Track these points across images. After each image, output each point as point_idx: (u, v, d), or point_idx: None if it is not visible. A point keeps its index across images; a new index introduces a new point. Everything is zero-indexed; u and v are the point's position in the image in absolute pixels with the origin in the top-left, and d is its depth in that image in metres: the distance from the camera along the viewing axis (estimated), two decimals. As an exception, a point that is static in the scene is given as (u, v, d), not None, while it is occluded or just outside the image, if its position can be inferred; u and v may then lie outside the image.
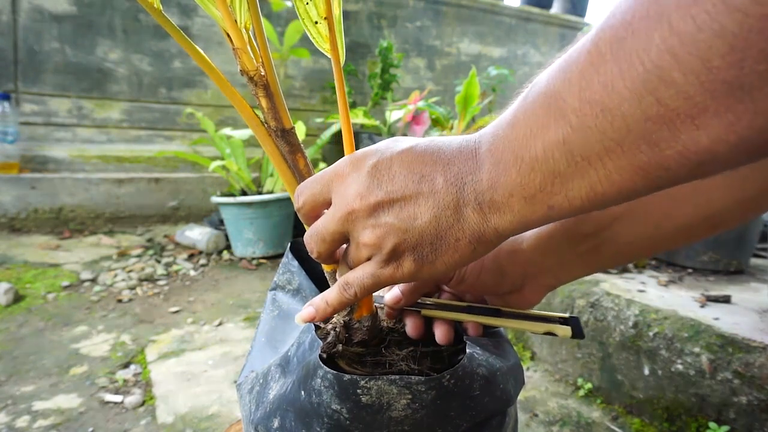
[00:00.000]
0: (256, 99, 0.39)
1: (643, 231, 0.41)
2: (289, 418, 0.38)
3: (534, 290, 0.45)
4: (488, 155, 0.30)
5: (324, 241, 0.36)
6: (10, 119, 2.07)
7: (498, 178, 0.29)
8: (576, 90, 0.24)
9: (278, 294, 0.54)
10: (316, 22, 0.37)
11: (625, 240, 0.42)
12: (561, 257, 0.43)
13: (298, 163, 0.41)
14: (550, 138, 0.26)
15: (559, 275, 0.44)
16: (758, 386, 0.80)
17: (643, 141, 0.22)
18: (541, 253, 0.43)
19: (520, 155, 0.27)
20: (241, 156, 2.08)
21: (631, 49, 0.21)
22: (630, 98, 0.22)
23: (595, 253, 0.43)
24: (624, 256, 0.43)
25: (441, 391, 0.35)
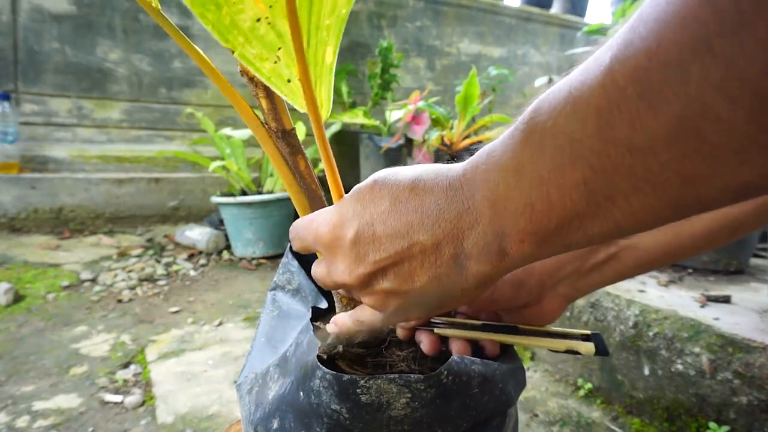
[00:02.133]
0: (256, 100, 0.39)
1: (662, 239, 0.40)
2: (289, 419, 0.38)
3: (553, 302, 0.43)
4: (488, 206, 0.27)
5: (325, 285, 0.37)
6: (10, 119, 2.07)
7: (504, 228, 0.27)
8: (594, 130, 0.22)
9: (278, 294, 0.54)
10: (288, 80, 0.34)
11: (644, 248, 0.41)
12: (578, 267, 0.42)
13: (299, 164, 0.40)
14: (566, 182, 0.24)
15: (577, 285, 0.43)
16: (758, 386, 0.80)
17: (678, 178, 0.21)
18: (557, 262, 0.42)
19: (530, 203, 0.25)
20: (241, 156, 2.08)
21: (661, 82, 0.19)
22: (664, 136, 0.20)
23: (613, 262, 0.42)
24: (644, 265, 0.42)
25: (440, 390, 0.35)
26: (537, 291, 0.42)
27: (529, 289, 0.42)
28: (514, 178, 0.26)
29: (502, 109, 3.23)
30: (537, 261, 0.29)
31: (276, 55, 0.33)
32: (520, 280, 0.42)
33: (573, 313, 1.10)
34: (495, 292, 0.42)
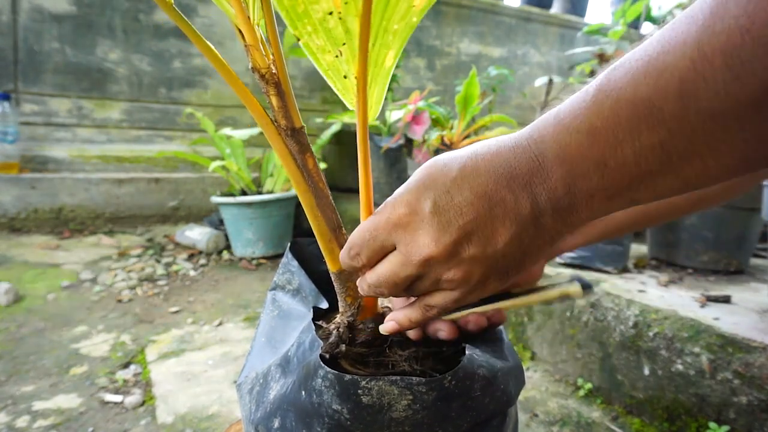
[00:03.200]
0: (266, 97, 0.39)
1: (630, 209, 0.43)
2: (290, 419, 0.38)
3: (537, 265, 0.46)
4: (560, 164, 0.28)
5: (396, 286, 0.35)
6: (10, 119, 2.07)
7: (575, 184, 0.28)
8: (676, 98, 0.23)
9: (278, 294, 0.54)
10: (345, 76, 0.34)
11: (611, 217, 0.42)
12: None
13: (308, 162, 0.40)
14: (642, 143, 0.25)
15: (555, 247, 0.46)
16: (758, 386, 0.80)
17: (757, 140, 0.22)
18: None
19: (602, 161, 0.27)
20: (241, 156, 2.08)
21: (752, 57, 0.21)
22: (748, 104, 0.21)
23: (588, 227, 0.46)
24: (609, 232, 0.47)
25: (442, 392, 0.35)
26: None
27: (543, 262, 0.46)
28: (588, 139, 0.27)
29: (502, 109, 3.23)
30: (605, 215, 0.30)
31: (339, 49, 0.34)
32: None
33: (573, 313, 1.10)
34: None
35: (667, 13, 2.69)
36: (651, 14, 2.70)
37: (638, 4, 1.41)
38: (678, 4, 2.61)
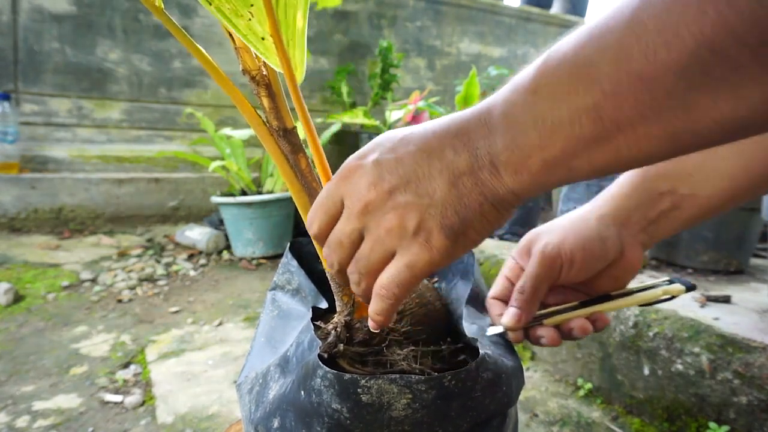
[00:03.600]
0: (258, 99, 0.39)
1: (720, 185, 0.43)
2: (290, 418, 0.38)
3: (634, 251, 0.46)
4: (503, 119, 0.29)
5: (342, 245, 0.35)
6: (10, 119, 2.07)
7: (515, 140, 0.29)
8: (612, 58, 0.24)
9: (278, 294, 0.54)
10: (262, 38, 0.35)
11: (704, 195, 0.44)
12: (646, 214, 0.46)
13: (300, 162, 0.41)
14: (578, 103, 0.26)
15: (650, 231, 0.46)
16: (758, 386, 0.80)
17: (681, 109, 0.23)
18: (626, 211, 0.46)
19: (541, 118, 0.27)
20: (241, 156, 2.08)
21: (679, 21, 0.21)
22: (674, 69, 0.22)
23: (677, 210, 0.45)
24: (706, 212, 0.45)
25: (441, 391, 0.35)
26: (619, 242, 0.46)
27: (612, 242, 0.45)
28: (531, 97, 0.28)
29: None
30: (544, 189, 0.30)
31: (249, 11, 0.34)
32: (601, 235, 0.45)
33: (573, 313, 1.10)
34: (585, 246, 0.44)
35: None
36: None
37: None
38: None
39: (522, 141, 0.28)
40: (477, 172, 0.30)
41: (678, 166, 0.44)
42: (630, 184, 0.46)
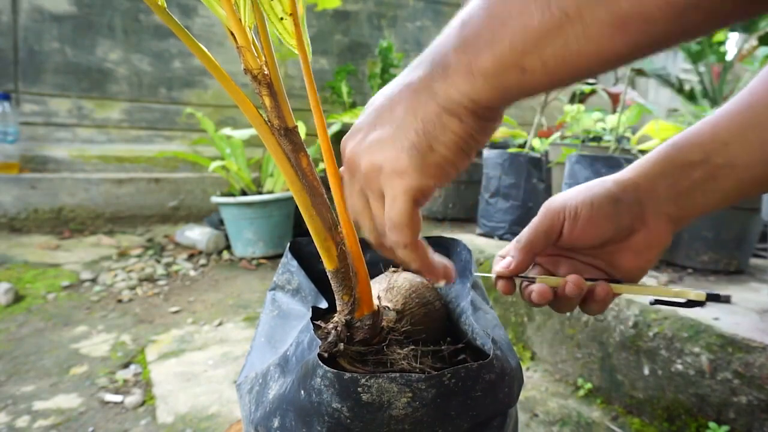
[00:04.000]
0: (259, 98, 0.39)
1: (759, 156, 0.39)
2: (290, 418, 0.38)
3: (659, 224, 0.42)
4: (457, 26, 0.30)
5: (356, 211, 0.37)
6: (10, 119, 2.07)
7: (465, 38, 0.29)
8: None
9: (278, 294, 0.54)
10: (281, 18, 0.37)
11: (742, 165, 0.40)
12: (675, 184, 0.42)
13: (301, 161, 0.41)
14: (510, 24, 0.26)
15: (681, 204, 0.42)
16: (758, 386, 0.80)
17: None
18: (651, 179, 0.42)
19: (491, 13, 0.27)
20: (241, 156, 2.08)
21: None
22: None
23: (712, 181, 0.41)
24: (746, 186, 0.41)
25: (441, 390, 0.35)
26: (639, 209, 0.42)
27: (628, 206, 0.42)
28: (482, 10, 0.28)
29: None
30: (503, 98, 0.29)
31: None
32: (614, 196, 0.42)
33: (573, 313, 1.10)
34: (594, 206, 0.41)
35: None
36: (651, 14, 2.70)
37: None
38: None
39: (472, 39, 0.28)
40: (431, 83, 0.31)
41: (712, 134, 0.41)
42: (657, 152, 0.43)
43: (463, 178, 1.93)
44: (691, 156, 0.41)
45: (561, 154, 1.57)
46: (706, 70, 2.83)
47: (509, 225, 1.62)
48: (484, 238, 1.65)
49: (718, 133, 0.40)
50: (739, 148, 0.39)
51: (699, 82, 2.90)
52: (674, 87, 2.99)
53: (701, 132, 0.41)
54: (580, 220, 0.41)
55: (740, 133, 0.39)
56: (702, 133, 0.41)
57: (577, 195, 0.42)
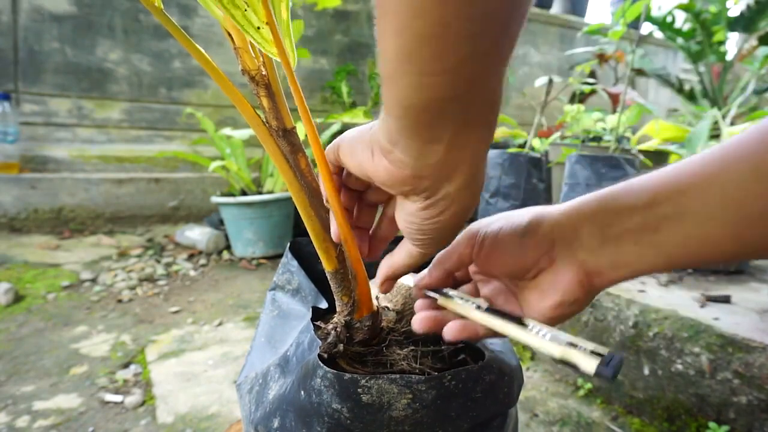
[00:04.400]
0: (257, 99, 0.39)
1: (718, 212, 0.32)
2: (290, 418, 0.38)
3: (567, 269, 0.36)
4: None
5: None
6: (10, 119, 2.07)
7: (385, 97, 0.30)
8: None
9: (278, 294, 0.54)
10: (258, 27, 0.37)
11: (694, 218, 0.32)
12: (603, 230, 0.35)
13: (300, 162, 0.41)
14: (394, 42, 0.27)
15: (601, 254, 0.35)
16: (758, 386, 0.80)
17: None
18: (574, 220, 0.36)
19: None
20: (241, 156, 2.08)
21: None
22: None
23: (652, 233, 0.34)
24: (695, 244, 0.33)
25: (441, 391, 0.35)
26: (547, 248, 0.37)
27: (536, 243, 0.37)
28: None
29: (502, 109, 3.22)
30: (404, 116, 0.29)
31: (245, 1, 0.36)
32: (524, 230, 0.38)
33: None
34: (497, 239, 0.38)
35: (668, 13, 2.69)
36: (651, 14, 2.70)
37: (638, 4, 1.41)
38: (678, 4, 2.61)
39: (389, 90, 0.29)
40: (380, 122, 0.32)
41: (668, 178, 0.34)
42: (598, 192, 0.37)
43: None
44: (634, 199, 0.34)
45: (561, 154, 1.57)
46: (706, 70, 2.83)
47: (509, 225, 1.62)
48: (484, 238, 1.65)
49: (678, 178, 0.34)
50: (697, 198, 0.32)
51: (699, 82, 2.91)
52: (674, 87, 3.00)
53: (657, 175, 0.35)
54: (484, 249, 0.39)
55: (703, 183, 0.33)
56: (657, 176, 0.35)
57: (492, 222, 0.40)
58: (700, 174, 0.33)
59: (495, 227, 0.39)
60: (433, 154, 0.30)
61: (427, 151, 0.30)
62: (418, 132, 0.29)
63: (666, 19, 2.71)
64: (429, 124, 0.28)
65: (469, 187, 0.32)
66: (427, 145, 0.29)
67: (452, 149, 0.29)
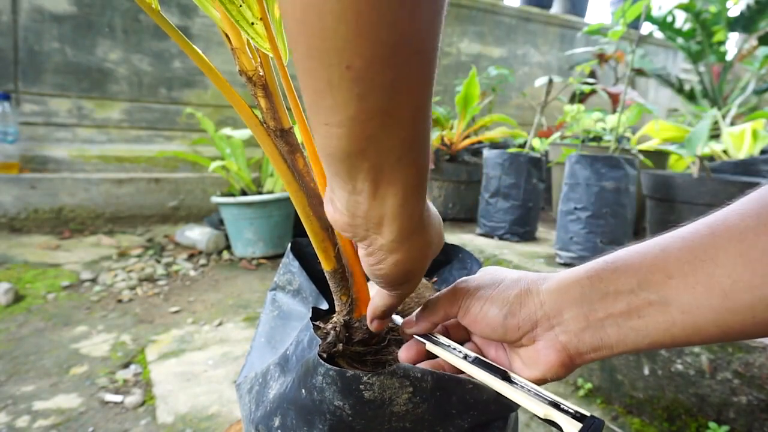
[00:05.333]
0: (255, 99, 0.39)
1: (706, 299, 0.31)
2: (291, 417, 0.38)
3: (548, 349, 0.36)
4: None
5: None
6: (10, 119, 2.07)
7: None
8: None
9: (278, 294, 0.54)
10: (252, 23, 0.37)
11: (679, 307, 0.32)
12: (586, 312, 0.35)
13: (297, 163, 0.41)
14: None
15: (584, 338, 0.35)
16: (758, 386, 0.80)
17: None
18: (558, 297, 0.36)
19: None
20: (241, 156, 2.08)
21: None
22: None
23: (636, 318, 0.34)
24: (679, 330, 0.33)
25: (440, 382, 0.35)
26: (528, 327, 0.37)
27: (518, 323, 0.37)
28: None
29: (502, 109, 3.23)
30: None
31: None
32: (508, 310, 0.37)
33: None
34: (484, 307, 0.38)
35: (668, 13, 2.69)
36: (651, 14, 2.70)
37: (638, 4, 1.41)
38: (678, 4, 2.61)
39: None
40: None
41: (656, 260, 0.34)
42: (586, 271, 0.36)
43: (463, 179, 1.93)
44: (621, 283, 0.34)
45: (561, 154, 1.57)
46: (706, 70, 2.84)
47: (509, 225, 1.62)
48: (484, 238, 1.65)
49: (665, 261, 0.33)
50: (683, 286, 0.32)
51: (699, 82, 2.91)
52: (674, 87, 3.00)
53: (645, 252, 0.35)
54: (468, 316, 0.39)
55: (690, 269, 0.32)
56: (645, 254, 0.34)
57: (480, 288, 0.39)
58: (688, 259, 0.33)
59: (481, 297, 0.39)
60: (359, 206, 0.30)
61: (353, 202, 0.30)
62: (341, 182, 0.29)
63: (666, 19, 2.71)
64: (347, 174, 0.28)
65: (409, 241, 0.32)
66: (351, 196, 0.30)
67: (374, 201, 0.30)
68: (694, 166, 1.34)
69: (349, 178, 0.29)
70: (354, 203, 0.30)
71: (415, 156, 0.29)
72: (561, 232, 1.36)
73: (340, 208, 0.31)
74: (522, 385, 0.36)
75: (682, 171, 1.72)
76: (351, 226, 0.32)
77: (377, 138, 0.26)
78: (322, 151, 0.28)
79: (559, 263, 1.34)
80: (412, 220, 0.31)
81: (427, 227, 0.34)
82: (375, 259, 0.34)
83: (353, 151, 0.27)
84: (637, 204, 1.39)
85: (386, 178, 0.29)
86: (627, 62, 2.73)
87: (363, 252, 0.34)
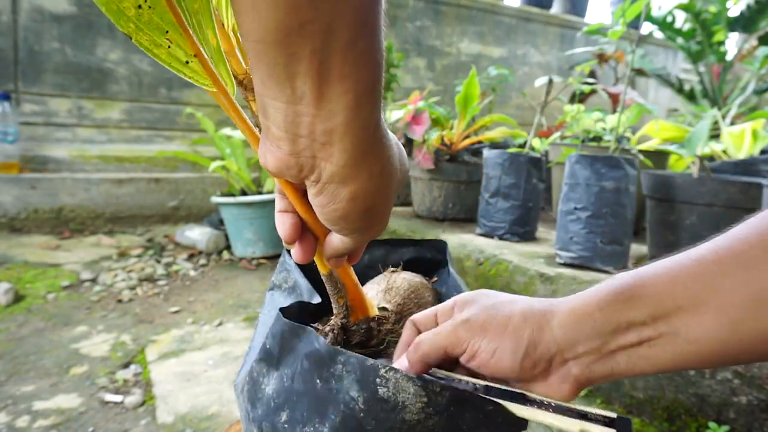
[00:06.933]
0: (246, 102, 0.39)
1: (714, 330, 0.32)
2: (300, 410, 0.38)
3: (562, 382, 0.37)
4: None
5: None
6: (10, 119, 2.07)
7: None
8: None
9: (275, 294, 0.54)
10: (186, 62, 0.34)
11: (687, 337, 0.33)
12: (599, 345, 0.35)
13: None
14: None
15: (594, 367, 0.36)
16: (758, 386, 0.80)
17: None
18: (570, 332, 0.36)
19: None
20: (241, 156, 2.08)
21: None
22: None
23: (646, 348, 0.34)
24: (684, 358, 0.34)
25: (456, 396, 0.34)
26: (543, 365, 0.36)
27: (533, 363, 0.36)
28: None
29: (502, 109, 3.23)
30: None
31: (167, 39, 0.33)
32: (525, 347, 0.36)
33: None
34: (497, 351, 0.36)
35: (668, 13, 2.69)
36: (651, 14, 2.70)
37: (638, 4, 1.41)
38: (678, 4, 2.61)
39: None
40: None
41: (664, 291, 0.34)
42: (597, 302, 0.36)
43: (463, 179, 1.93)
44: (634, 315, 0.34)
45: (561, 154, 1.57)
46: (706, 70, 2.83)
47: (509, 225, 1.62)
48: (484, 238, 1.65)
49: (674, 293, 0.34)
50: (693, 318, 0.33)
51: (699, 82, 2.91)
52: (674, 87, 3.00)
53: (654, 282, 0.35)
54: (476, 361, 0.37)
55: (700, 302, 0.33)
56: (655, 283, 0.35)
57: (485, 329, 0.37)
58: (698, 291, 0.33)
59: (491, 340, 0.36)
60: (302, 120, 0.26)
61: (292, 115, 0.26)
62: (276, 86, 0.25)
63: (666, 19, 2.71)
64: (284, 68, 0.24)
65: (366, 162, 0.28)
66: (290, 107, 0.25)
67: (319, 109, 0.25)
68: (694, 166, 1.34)
69: (286, 75, 0.24)
70: (294, 116, 0.26)
71: (368, 42, 0.24)
72: (561, 232, 1.36)
73: (277, 132, 0.27)
74: (546, 404, 0.36)
75: (682, 171, 1.71)
76: (293, 156, 0.28)
77: (323, 2, 0.22)
78: (249, 38, 0.24)
79: (559, 263, 1.34)
80: (366, 131, 0.27)
81: (386, 147, 0.30)
82: (327, 197, 0.29)
83: (291, 25, 0.22)
84: (637, 204, 1.39)
85: (335, 71, 0.24)
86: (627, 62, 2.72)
87: (312, 192, 0.30)
